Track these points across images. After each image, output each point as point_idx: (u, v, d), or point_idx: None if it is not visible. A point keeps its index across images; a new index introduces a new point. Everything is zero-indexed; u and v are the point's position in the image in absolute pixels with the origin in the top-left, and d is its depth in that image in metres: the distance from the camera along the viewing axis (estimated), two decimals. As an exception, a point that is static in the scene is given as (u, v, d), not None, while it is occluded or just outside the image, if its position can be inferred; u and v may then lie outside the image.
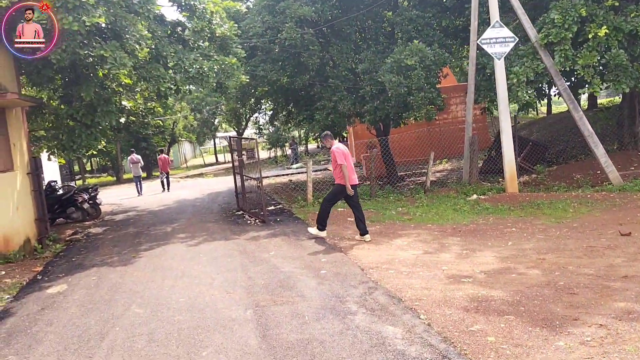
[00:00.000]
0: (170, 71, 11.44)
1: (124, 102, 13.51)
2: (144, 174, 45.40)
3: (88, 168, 51.10)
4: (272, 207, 12.89)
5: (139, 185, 20.17)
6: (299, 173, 24.16)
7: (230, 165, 45.94)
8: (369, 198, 13.08)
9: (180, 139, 44.65)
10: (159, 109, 17.00)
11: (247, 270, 7.22)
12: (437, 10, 14.54)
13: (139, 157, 20.37)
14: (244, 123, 40.29)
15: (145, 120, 14.18)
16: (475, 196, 12.58)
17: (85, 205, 14.25)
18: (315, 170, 24.18)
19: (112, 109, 11.53)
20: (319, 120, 15.04)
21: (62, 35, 8.98)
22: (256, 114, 18.60)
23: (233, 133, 66.49)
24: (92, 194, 14.70)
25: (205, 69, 11.31)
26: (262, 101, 18.65)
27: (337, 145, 8.77)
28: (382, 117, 14.66)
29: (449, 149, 22.08)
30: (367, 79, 14.33)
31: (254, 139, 11.59)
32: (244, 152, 12.76)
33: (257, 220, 11.13)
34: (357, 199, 8.67)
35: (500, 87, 11.97)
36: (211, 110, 42.75)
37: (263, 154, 55.70)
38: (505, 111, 12.04)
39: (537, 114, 37.21)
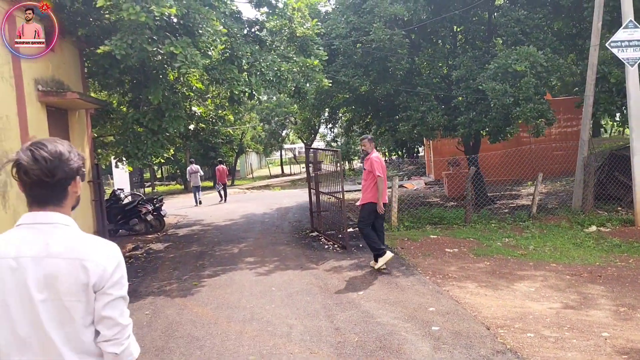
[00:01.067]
0: (245, 74, 10.26)
1: (194, 108, 12.51)
2: (209, 183, 45.44)
3: (159, 175, 51.91)
4: (350, 229, 11.34)
5: (197, 195, 19.88)
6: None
7: (297, 177, 44.85)
8: (463, 224, 11.25)
9: (247, 149, 44.25)
10: (230, 116, 16.01)
11: (332, 316, 5.68)
12: (548, 11, 12.60)
13: (198, 167, 20.09)
14: (313, 135, 39.26)
15: (215, 127, 13.13)
16: (594, 228, 10.49)
17: (149, 217, 13.30)
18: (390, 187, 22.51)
19: (180, 114, 10.47)
20: (404, 132, 13.40)
21: (128, 29, 7.92)
22: (325, 126, 17.24)
23: (300, 145, 66.15)
24: (157, 205, 13.76)
25: (284, 70, 10.01)
26: (338, 111, 17.21)
27: (376, 153, 7.85)
28: (478, 131, 12.82)
29: (540, 170, 19.76)
30: (462, 88, 12.57)
31: (336, 149, 10.05)
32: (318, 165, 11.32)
33: (336, 245, 9.62)
34: (383, 219, 7.96)
35: (632, 99, 9.89)
36: (280, 122, 42.10)
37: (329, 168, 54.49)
38: (637, 128, 9.91)
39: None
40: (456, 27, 13.40)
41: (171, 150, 15.42)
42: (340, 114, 17.74)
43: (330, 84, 10.82)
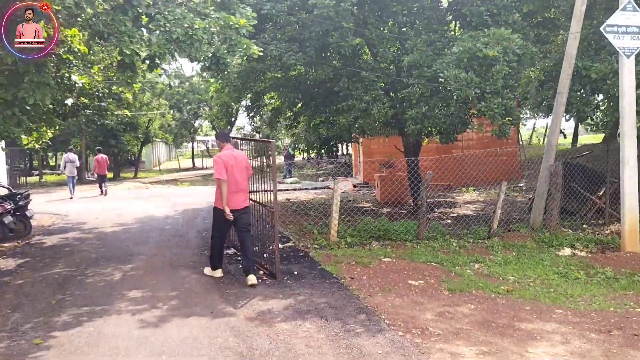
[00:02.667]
0: (144, 30, 7.47)
1: (74, 77, 9.39)
2: (110, 175, 40.80)
3: (52, 163, 46.12)
4: (282, 246, 8.83)
5: (72, 186, 18.29)
6: (294, 190, 20.13)
7: (209, 172, 41.55)
8: (416, 240, 9.14)
9: (154, 139, 40.19)
10: (127, 94, 12.85)
11: None
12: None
13: (76, 156, 18.82)
14: (230, 126, 36.07)
15: (103, 104, 10.03)
16: (568, 250, 8.83)
17: (8, 220, 9.98)
18: (316, 188, 20.22)
19: (47, 80, 7.43)
20: (343, 126, 11.13)
21: None
22: (247, 114, 14.64)
23: (213, 137, 62.23)
24: (20, 203, 10.45)
25: (198, 29, 7.31)
26: (263, 97, 14.58)
27: (225, 151, 6.64)
28: (429, 128, 10.81)
29: (476, 176, 18.40)
30: (414, 76, 10.48)
31: (269, 140, 7.37)
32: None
33: (261, 272, 7.07)
34: (246, 226, 6.72)
35: (627, 99, 8.24)
36: (192, 110, 38.56)
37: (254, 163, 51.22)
38: (631, 134, 8.29)
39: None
40: (409, 3, 11.28)
41: (48, 132, 12.04)
42: (267, 101, 15.11)
43: (260, 52, 8.22)
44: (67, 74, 9.32)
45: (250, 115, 15.25)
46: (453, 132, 10.98)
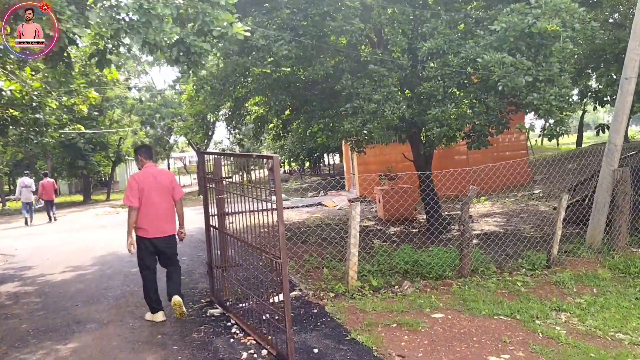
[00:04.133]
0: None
1: (-1, 82, 7.06)
2: (78, 197, 37.93)
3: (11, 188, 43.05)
4: (295, 301, 6.51)
5: (26, 213, 17.77)
6: (286, 208, 17.84)
7: (186, 190, 39.26)
8: (460, 278, 6.95)
9: (127, 157, 37.57)
10: (81, 106, 10.43)
11: None
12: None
13: (32, 181, 18.24)
14: (207, 140, 33.55)
15: (38, 116, 7.69)
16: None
17: None
18: (307, 205, 17.93)
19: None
20: (349, 132, 8.95)
21: None
22: (227, 125, 12.39)
23: (191, 153, 59.66)
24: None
25: (157, 2, 5.09)
26: (245, 105, 12.32)
27: (143, 170, 5.76)
28: (459, 130, 8.71)
29: (484, 184, 16.43)
30: (437, 66, 8.39)
31: (272, 155, 5.14)
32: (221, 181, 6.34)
33: (264, 351, 4.79)
34: (172, 257, 5.85)
35: None
36: (166, 125, 36.09)
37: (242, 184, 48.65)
38: None
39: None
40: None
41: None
42: (248, 109, 12.84)
43: (247, 33, 6.00)
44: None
45: (231, 126, 12.85)
46: (486, 135, 8.92)
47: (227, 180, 6.37)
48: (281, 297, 5.13)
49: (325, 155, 36.74)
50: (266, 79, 9.31)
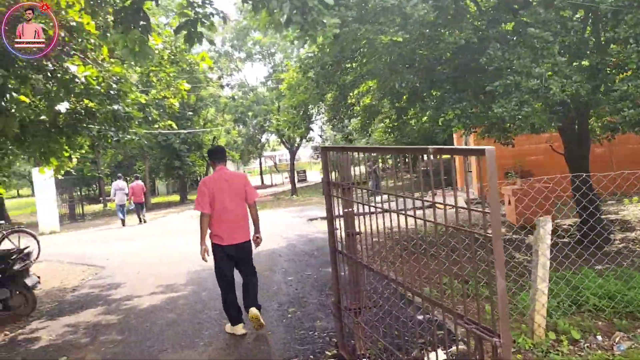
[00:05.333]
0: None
1: (71, 67, 5.75)
2: (175, 198, 38.31)
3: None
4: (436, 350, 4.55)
5: (122, 215, 18.73)
6: (384, 211, 15.89)
7: (279, 190, 38.73)
8: None
9: (221, 157, 37.37)
10: (172, 99, 9.15)
11: None
12: None
13: (125, 183, 18.98)
14: (298, 137, 32.26)
15: (117, 107, 6.34)
16: None
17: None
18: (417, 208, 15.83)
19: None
20: (501, 117, 6.83)
21: None
22: (330, 119, 10.70)
23: (282, 152, 59.32)
24: (15, 268, 6.92)
25: None
26: (350, 94, 10.46)
27: (214, 174, 5.47)
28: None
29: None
30: (631, 21, 6.06)
31: (479, 149, 3.33)
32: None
33: None
34: (249, 269, 5.52)
35: None
36: (259, 124, 35.34)
37: (315, 177, 47.77)
38: None
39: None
40: None
41: (70, 157, 8.49)
42: (354, 98, 10.97)
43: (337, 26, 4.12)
44: (58, 65, 5.67)
45: (336, 119, 11.02)
46: None
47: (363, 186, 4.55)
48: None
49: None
50: (389, 55, 7.37)
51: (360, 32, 6.29)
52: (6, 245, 10.78)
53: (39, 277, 7.42)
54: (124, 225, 18.31)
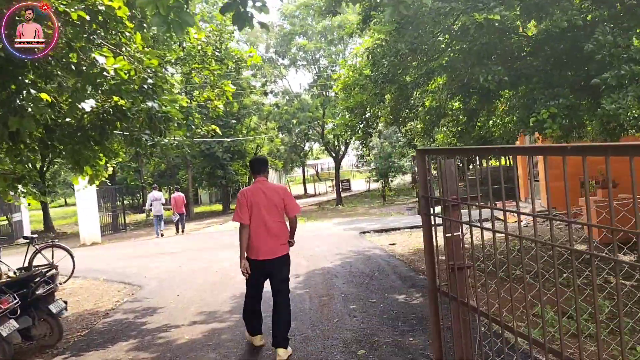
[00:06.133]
0: None
1: (99, 58, 4.81)
2: (218, 207, 37.79)
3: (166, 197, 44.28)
4: None
5: (159, 226, 18.61)
6: (439, 224, 14.50)
7: (324, 199, 38.04)
8: None
9: (264, 166, 36.62)
10: (216, 102, 8.16)
11: None
12: None
13: (161, 194, 18.90)
14: (343, 145, 30.92)
15: (152, 104, 5.38)
16: None
17: (5, 329, 5.52)
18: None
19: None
20: (616, 115, 5.50)
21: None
22: (387, 123, 9.52)
23: (324, 160, 58.31)
24: (38, 293, 6.02)
25: None
26: (415, 91, 9.24)
27: (253, 186, 5.20)
28: None
29: None
30: None
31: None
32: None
33: None
34: (284, 282, 5.16)
35: None
36: (303, 131, 34.43)
37: (358, 185, 46.36)
38: None
39: None
40: None
41: (104, 166, 7.62)
42: (416, 99, 9.72)
43: None
44: (86, 58, 4.73)
45: (400, 120, 9.78)
46: None
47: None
48: None
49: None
50: (478, 38, 6.13)
51: (449, 7, 5.09)
52: (40, 260, 10.06)
53: (65, 303, 6.50)
54: (161, 236, 18.26)
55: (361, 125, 9.73)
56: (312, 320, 6.13)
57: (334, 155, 32.75)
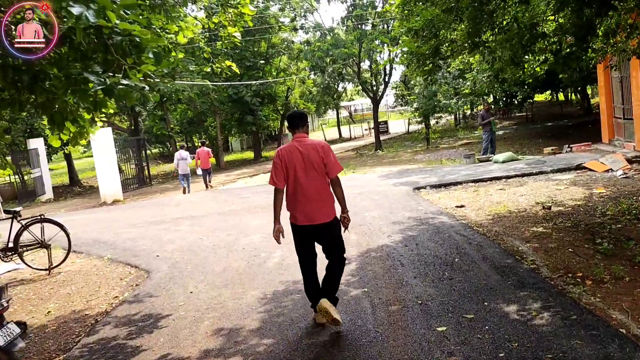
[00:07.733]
0: None
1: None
2: (250, 155, 35.84)
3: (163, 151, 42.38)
4: None
5: (187, 184, 17.17)
6: (521, 176, 11.98)
7: (361, 143, 35.88)
8: None
9: (296, 109, 34.16)
10: (230, 30, 5.95)
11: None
12: None
13: (187, 153, 17.17)
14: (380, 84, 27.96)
15: (95, 29, 3.33)
16: None
17: None
18: (557, 171, 11.70)
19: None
20: None
21: None
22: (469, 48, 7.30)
23: (358, 101, 55.14)
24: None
25: None
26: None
27: (290, 144, 4.68)
28: None
29: None
30: None
31: None
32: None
33: None
34: (336, 242, 4.69)
35: None
36: (336, 70, 31.57)
37: (396, 127, 43.36)
38: None
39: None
40: None
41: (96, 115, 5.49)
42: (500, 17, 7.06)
43: None
44: None
45: (483, 46, 7.17)
46: None
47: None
48: None
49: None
50: None
51: None
52: (27, 237, 8.18)
53: (23, 326, 4.50)
54: (185, 193, 17.04)
55: (432, 56, 7.12)
56: (382, 357, 3.95)
57: (371, 95, 29.91)
